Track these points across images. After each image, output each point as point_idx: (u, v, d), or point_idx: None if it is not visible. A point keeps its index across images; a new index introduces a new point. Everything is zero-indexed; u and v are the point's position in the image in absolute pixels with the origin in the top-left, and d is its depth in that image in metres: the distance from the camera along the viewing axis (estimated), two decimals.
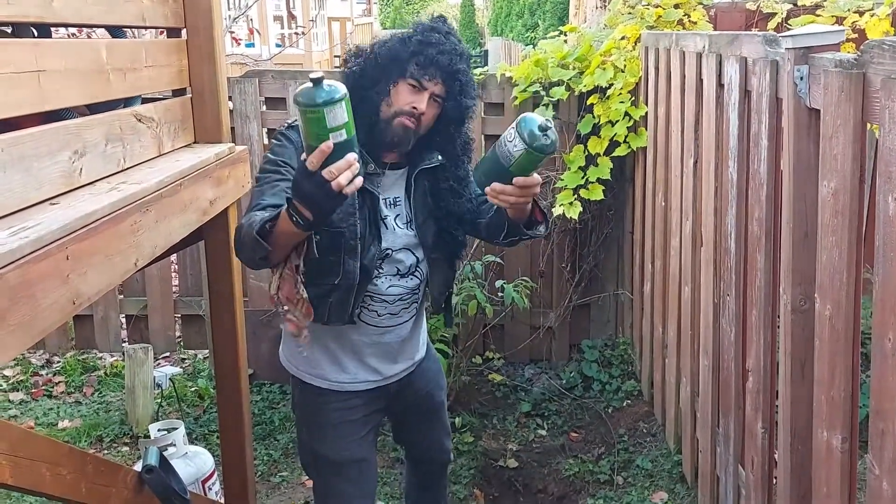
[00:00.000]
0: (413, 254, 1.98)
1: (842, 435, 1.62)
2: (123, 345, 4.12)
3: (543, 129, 1.61)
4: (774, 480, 2.13)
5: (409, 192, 1.96)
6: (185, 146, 2.30)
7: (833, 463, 1.64)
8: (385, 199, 1.95)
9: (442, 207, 1.99)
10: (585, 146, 3.63)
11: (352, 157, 1.50)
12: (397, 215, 1.97)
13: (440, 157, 1.98)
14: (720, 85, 2.40)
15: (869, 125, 1.48)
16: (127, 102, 2.06)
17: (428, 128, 1.90)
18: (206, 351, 4.16)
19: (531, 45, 6.83)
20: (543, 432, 3.55)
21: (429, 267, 2.01)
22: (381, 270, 1.94)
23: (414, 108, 1.85)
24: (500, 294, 3.52)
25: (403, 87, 1.86)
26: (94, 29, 3.12)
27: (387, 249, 1.94)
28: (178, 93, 2.35)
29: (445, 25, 1.92)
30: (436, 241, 2.01)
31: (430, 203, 1.99)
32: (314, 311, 1.85)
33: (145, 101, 2.18)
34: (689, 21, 3.62)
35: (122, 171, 1.86)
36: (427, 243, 1.99)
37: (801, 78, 1.71)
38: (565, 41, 3.97)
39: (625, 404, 3.62)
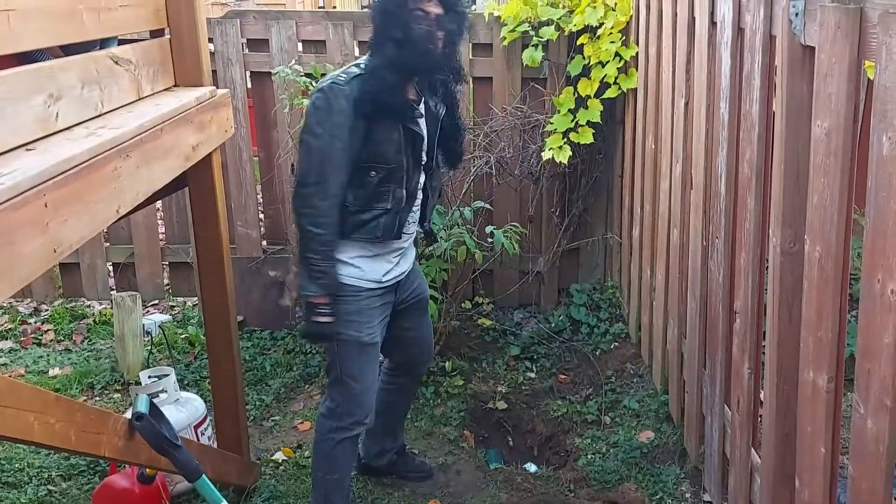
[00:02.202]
0: (423, 173, 2.40)
1: (828, 375, 1.63)
2: (111, 293, 4.10)
3: None
4: (759, 419, 2.16)
5: (434, 128, 2.36)
6: (165, 90, 2.24)
7: (819, 402, 1.66)
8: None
9: (442, 142, 2.42)
10: (575, 88, 3.57)
11: None
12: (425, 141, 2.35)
13: (445, 98, 2.39)
14: (713, 23, 2.35)
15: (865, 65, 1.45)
16: (103, 44, 1.99)
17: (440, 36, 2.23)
18: (195, 298, 4.15)
19: None
20: (532, 375, 3.59)
21: (427, 188, 2.43)
22: (417, 192, 2.36)
23: (430, 12, 2.18)
24: (489, 240, 3.51)
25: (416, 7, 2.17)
26: None
27: (422, 173, 2.37)
28: (155, 34, 2.28)
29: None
30: (435, 167, 2.45)
31: (440, 140, 2.40)
32: (368, 231, 2.29)
33: (122, 42, 2.11)
34: None
35: (100, 115, 1.82)
36: (434, 168, 2.43)
37: (797, 14, 1.66)
38: None
39: (612, 347, 3.66)
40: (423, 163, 2.34)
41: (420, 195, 2.40)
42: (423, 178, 2.38)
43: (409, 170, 2.29)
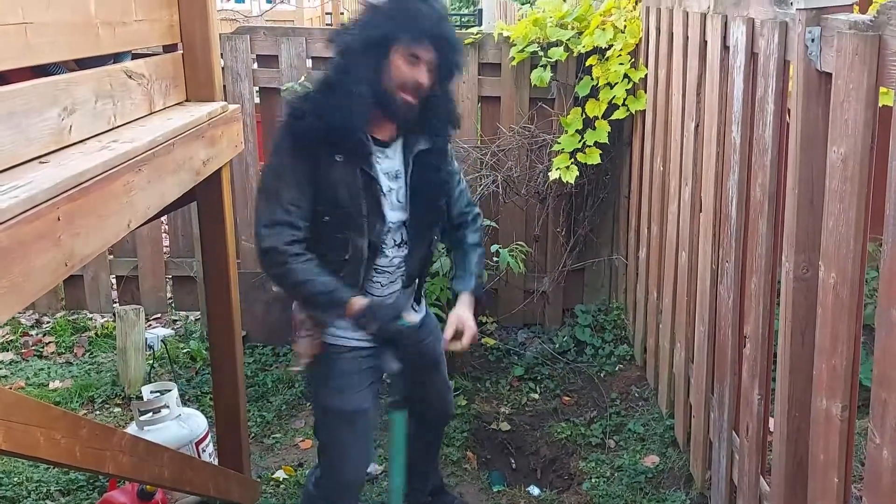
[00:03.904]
0: (404, 225, 2.09)
1: (842, 403, 1.61)
2: (114, 306, 4.08)
3: None
4: (769, 447, 2.14)
5: (408, 172, 2.05)
6: (177, 104, 2.24)
7: (832, 430, 1.64)
8: (388, 174, 2.04)
9: (436, 193, 2.12)
10: (583, 109, 3.58)
11: None
12: (399, 188, 2.06)
13: (433, 138, 2.07)
14: (725, 47, 2.35)
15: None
16: (117, 58, 2.00)
17: (424, 95, 1.98)
18: (198, 312, 4.13)
19: (527, 4, 6.71)
20: (536, 396, 3.56)
21: (412, 246, 2.11)
22: (385, 245, 2.06)
23: (418, 82, 1.92)
24: (494, 258, 3.50)
25: (400, 61, 1.91)
26: None
27: (389, 223, 2.05)
28: (168, 49, 2.28)
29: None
30: (429, 222, 2.14)
31: (427, 187, 2.08)
32: None
33: (135, 57, 2.11)
34: None
35: (112, 129, 1.81)
36: (420, 223, 2.10)
37: (813, 40, 1.66)
38: (564, 0, 3.89)
39: (617, 369, 3.63)
40: (384, 211, 2.01)
41: (402, 250, 2.09)
42: (399, 230, 2.07)
43: (371, 217, 1.98)
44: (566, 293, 4.01)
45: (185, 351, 3.87)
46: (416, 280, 2.21)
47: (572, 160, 3.56)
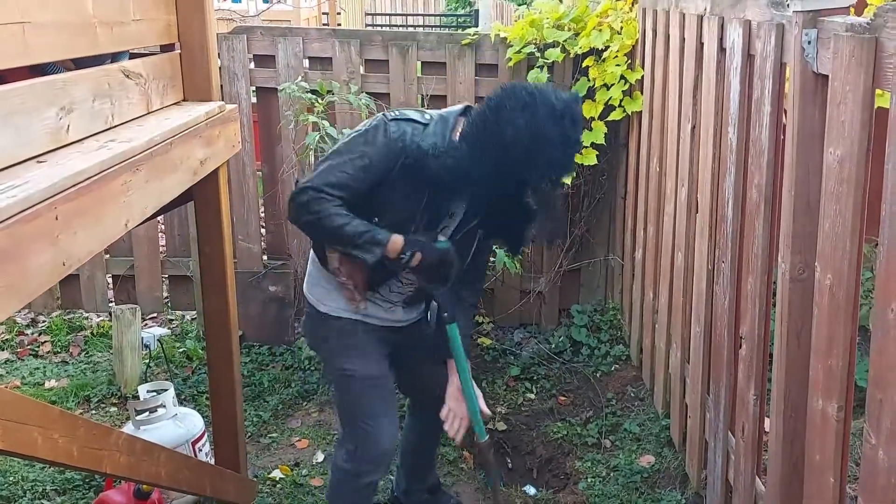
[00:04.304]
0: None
1: (837, 403, 1.62)
2: (110, 305, 4.07)
3: None
4: (764, 447, 2.15)
5: (466, 220, 2.15)
6: (175, 104, 2.24)
7: (828, 431, 1.65)
8: (451, 213, 2.15)
9: (475, 253, 2.25)
10: None
11: None
12: (448, 226, 2.17)
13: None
14: (721, 49, 2.36)
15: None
16: (114, 58, 2.00)
17: None
18: (194, 312, 4.13)
19: (524, 5, 6.73)
20: (532, 396, 3.57)
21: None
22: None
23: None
24: (491, 258, 3.50)
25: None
26: None
27: None
28: (166, 49, 2.28)
29: (579, 130, 1.98)
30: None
31: (468, 239, 2.19)
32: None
33: (133, 56, 2.11)
34: None
35: (110, 128, 1.81)
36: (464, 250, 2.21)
37: (809, 42, 1.67)
38: (561, 1, 3.89)
39: (613, 369, 3.64)
40: (439, 231, 2.13)
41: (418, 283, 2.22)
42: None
43: (418, 231, 2.08)
44: (562, 293, 4.02)
45: (181, 350, 3.87)
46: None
47: None
